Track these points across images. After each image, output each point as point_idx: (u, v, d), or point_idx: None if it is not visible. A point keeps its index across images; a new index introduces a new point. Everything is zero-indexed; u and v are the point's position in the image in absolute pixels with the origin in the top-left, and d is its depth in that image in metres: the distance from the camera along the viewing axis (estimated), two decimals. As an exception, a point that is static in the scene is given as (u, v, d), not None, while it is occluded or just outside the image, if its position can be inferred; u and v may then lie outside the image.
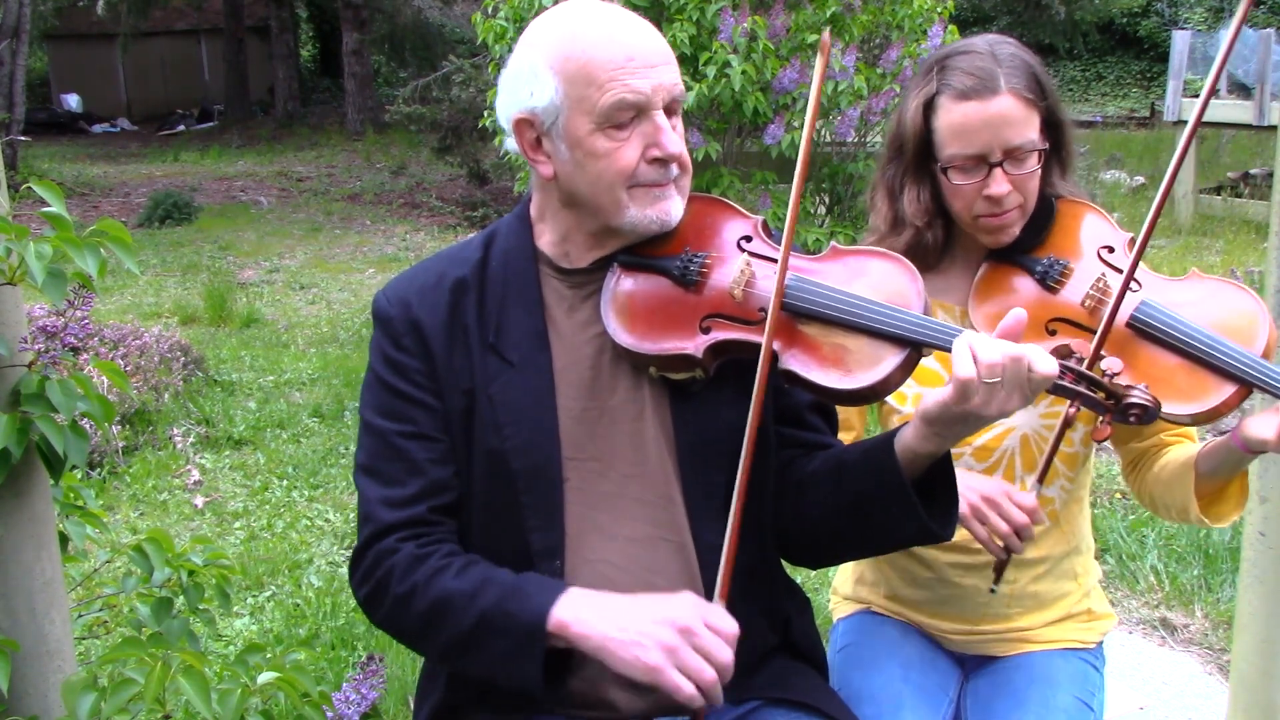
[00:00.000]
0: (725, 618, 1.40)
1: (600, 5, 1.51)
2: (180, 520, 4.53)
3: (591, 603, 1.43)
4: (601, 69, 1.44)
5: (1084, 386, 1.40)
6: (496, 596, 1.45)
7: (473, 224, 9.09)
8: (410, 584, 1.49)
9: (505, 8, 5.18)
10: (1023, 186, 1.74)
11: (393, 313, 1.57)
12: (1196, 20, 19.58)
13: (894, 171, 1.86)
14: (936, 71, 1.77)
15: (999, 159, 1.72)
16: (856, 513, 1.50)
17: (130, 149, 20.11)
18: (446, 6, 15.00)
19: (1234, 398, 1.58)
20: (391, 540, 1.51)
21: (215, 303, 8.09)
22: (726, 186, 5.04)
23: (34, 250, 1.48)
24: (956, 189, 1.76)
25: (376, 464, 1.55)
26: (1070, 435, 1.85)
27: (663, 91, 1.47)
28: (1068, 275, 1.74)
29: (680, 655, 1.36)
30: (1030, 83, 1.73)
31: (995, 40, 1.79)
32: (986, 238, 1.80)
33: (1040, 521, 1.74)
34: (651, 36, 1.48)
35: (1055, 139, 1.80)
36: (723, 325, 1.49)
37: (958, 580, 1.90)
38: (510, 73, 1.52)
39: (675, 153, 1.49)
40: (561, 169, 1.51)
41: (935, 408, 1.37)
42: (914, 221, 1.83)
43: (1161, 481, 1.81)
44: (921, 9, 5.30)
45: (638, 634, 1.38)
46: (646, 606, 1.41)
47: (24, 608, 1.61)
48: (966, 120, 1.72)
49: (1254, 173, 10.48)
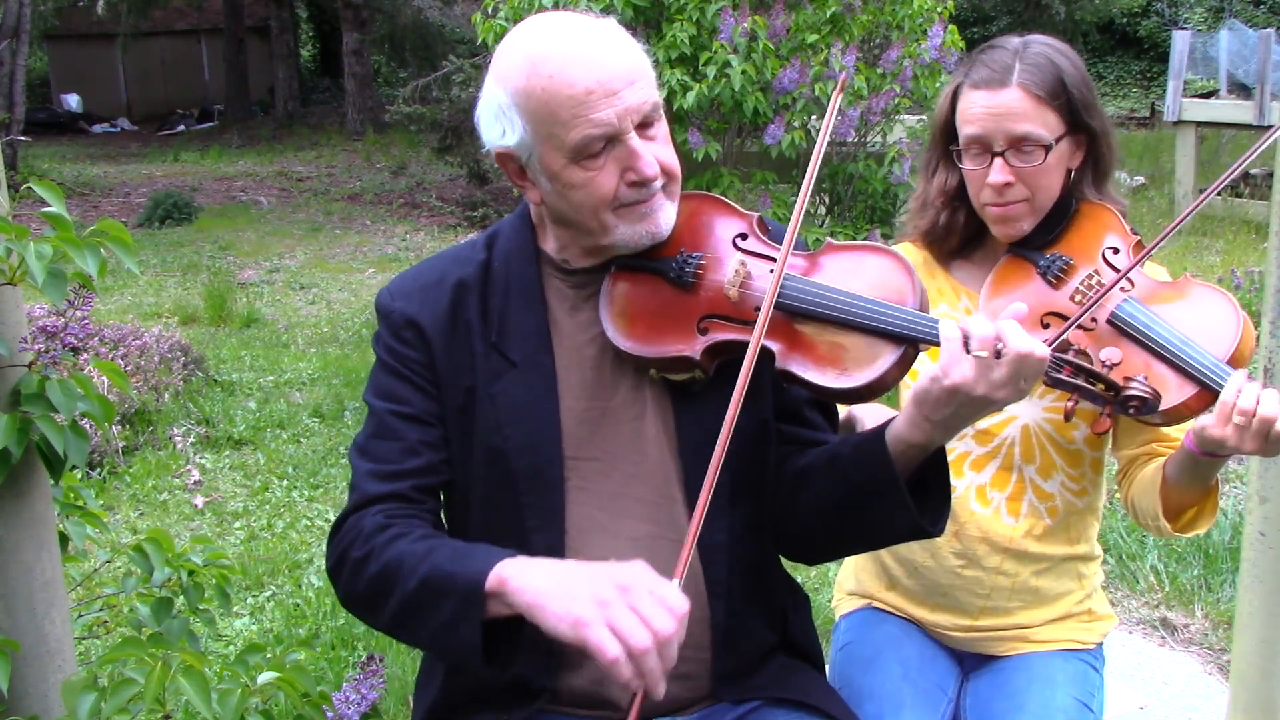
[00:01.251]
0: (675, 592, 1.27)
1: (560, 25, 1.45)
2: (180, 520, 4.53)
3: (536, 564, 1.36)
4: (563, 106, 1.41)
5: (1082, 379, 1.40)
6: (443, 558, 1.41)
7: (473, 224, 9.08)
8: (367, 548, 1.47)
9: (505, 8, 5.18)
10: (1029, 180, 1.78)
11: (394, 308, 1.58)
12: (1196, 20, 19.58)
13: (930, 155, 1.95)
14: (970, 63, 1.86)
15: (1002, 148, 1.78)
16: (849, 506, 1.49)
17: (130, 149, 20.11)
18: (446, 6, 14.98)
19: (1195, 400, 1.59)
20: (369, 511, 1.51)
21: (215, 303, 8.09)
22: (726, 186, 5.04)
23: (34, 250, 1.48)
24: (968, 174, 1.84)
25: (370, 442, 1.56)
26: (1071, 433, 1.86)
27: (631, 114, 1.43)
28: (1068, 272, 1.77)
29: (612, 610, 1.24)
30: (1048, 82, 1.77)
31: (1033, 40, 1.84)
32: (995, 228, 1.85)
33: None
34: (614, 55, 1.42)
35: (1090, 148, 1.85)
36: (720, 326, 1.49)
37: (959, 570, 1.90)
38: (483, 107, 1.51)
39: (652, 175, 1.46)
40: (546, 197, 1.52)
41: (924, 383, 1.37)
42: (934, 202, 1.91)
43: (1139, 488, 1.83)
44: (921, 9, 5.31)
45: (572, 586, 1.29)
46: (594, 568, 1.32)
47: (24, 608, 1.61)
48: (974, 107, 1.80)
49: (1254, 173, 10.47)
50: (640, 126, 1.45)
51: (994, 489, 1.89)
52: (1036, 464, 1.88)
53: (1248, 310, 6.37)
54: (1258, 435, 1.54)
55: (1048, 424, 1.87)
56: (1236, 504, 4.09)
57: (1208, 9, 20.08)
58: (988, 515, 1.89)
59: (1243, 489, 4.16)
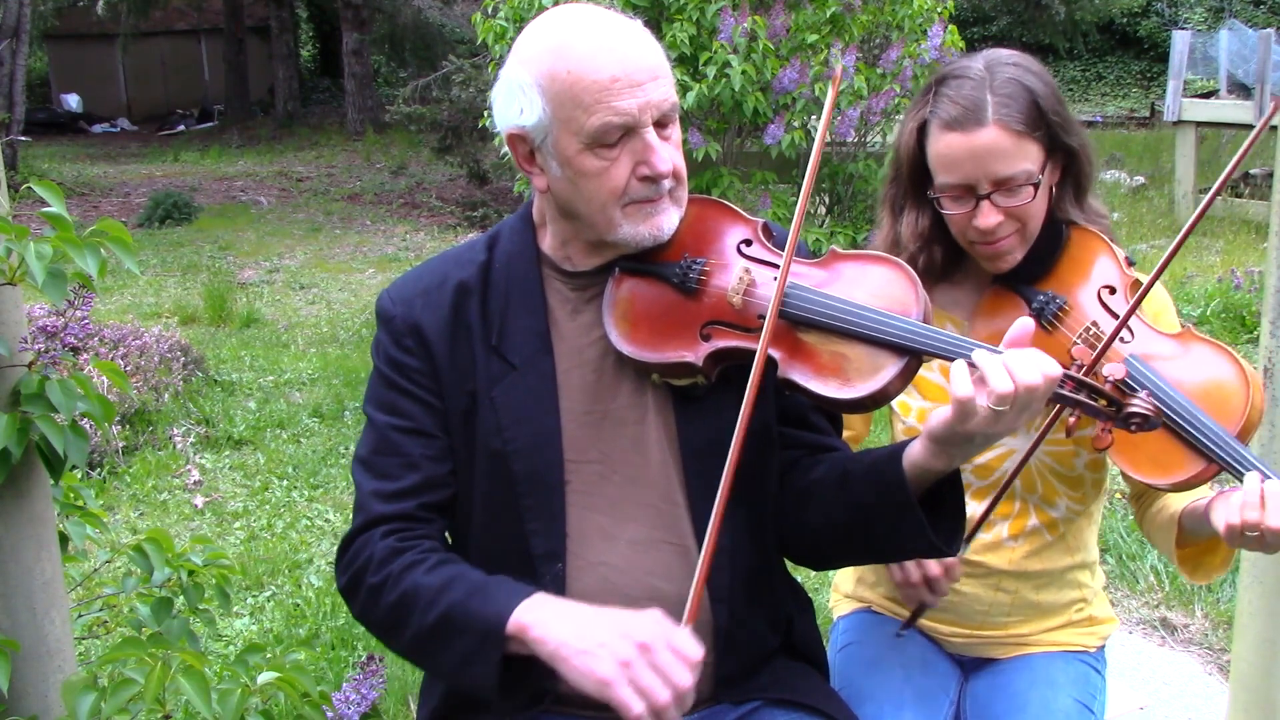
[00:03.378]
0: (690, 642, 1.33)
1: (588, 15, 1.48)
2: (180, 520, 4.53)
3: (556, 609, 1.40)
4: (587, 91, 1.42)
5: (1085, 395, 1.39)
6: (462, 594, 1.43)
7: (473, 224, 9.08)
8: (383, 575, 1.48)
9: (505, 8, 5.18)
10: (1018, 215, 1.70)
11: (395, 313, 1.57)
12: (1196, 20, 19.58)
13: (895, 191, 1.85)
14: (932, 95, 1.73)
15: (987, 191, 1.68)
16: (860, 525, 1.49)
17: (130, 149, 20.10)
18: (446, 6, 14.99)
19: (1203, 474, 1.56)
20: (377, 533, 1.51)
21: (215, 303, 8.09)
22: (726, 187, 5.04)
23: (34, 250, 1.48)
24: (951, 218, 1.75)
25: (373, 457, 1.56)
26: (1073, 460, 1.83)
27: (651, 109, 1.44)
28: (1064, 314, 1.72)
29: (635, 670, 1.30)
30: (1025, 112, 1.67)
31: (996, 62, 1.72)
32: (985, 264, 1.78)
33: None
34: (640, 49, 1.45)
35: (1067, 164, 1.76)
36: (722, 333, 1.48)
37: (959, 588, 1.89)
38: (501, 87, 1.51)
39: (665, 171, 1.47)
40: (554, 184, 1.51)
41: (940, 427, 1.34)
42: (908, 245, 1.81)
43: (1155, 526, 1.78)
44: (921, 9, 5.31)
45: (594, 644, 1.32)
46: (610, 619, 1.36)
47: (24, 608, 1.61)
48: (951, 151, 1.68)
49: (1254, 173, 10.47)
50: (658, 124, 1.46)
51: (997, 516, 1.86)
52: (1039, 493, 1.85)
53: (1247, 310, 6.31)
54: (1273, 545, 1.49)
55: (1048, 456, 1.83)
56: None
57: (1208, 9, 20.07)
58: (989, 540, 1.87)
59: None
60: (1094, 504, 1.91)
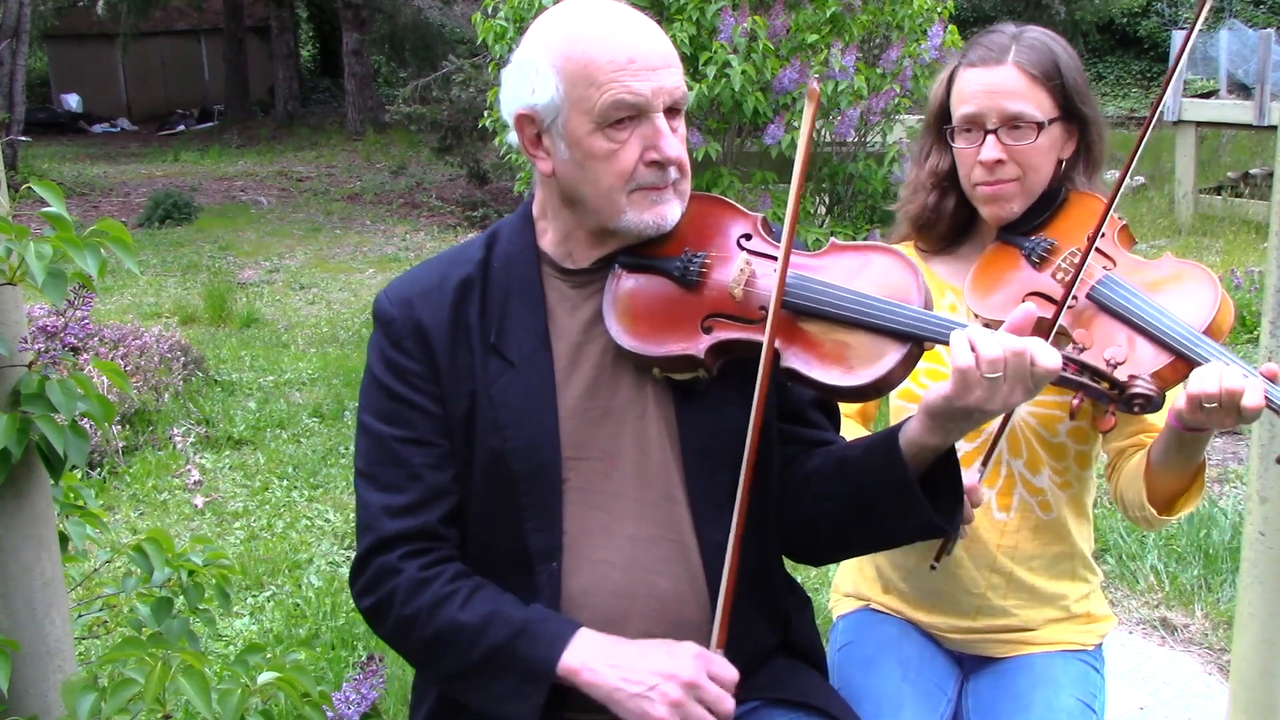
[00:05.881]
0: (727, 666, 1.44)
1: (607, 4, 1.50)
2: (180, 520, 4.53)
3: (599, 649, 1.44)
4: (602, 70, 1.44)
5: (1087, 377, 1.40)
6: (506, 635, 1.45)
7: (473, 224, 9.09)
8: (414, 608, 1.49)
9: (505, 8, 5.18)
10: (1021, 159, 1.80)
11: (395, 314, 1.56)
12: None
13: (923, 140, 1.96)
14: (967, 46, 1.89)
15: (994, 125, 1.79)
16: (860, 508, 1.50)
17: (130, 149, 20.10)
18: (446, 6, 14.98)
19: (1170, 369, 1.61)
20: (395, 556, 1.51)
21: (215, 303, 8.09)
22: (726, 186, 5.03)
23: (34, 250, 1.48)
24: (960, 154, 1.85)
25: (375, 469, 1.55)
26: (1056, 426, 1.86)
27: (663, 94, 1.46)
28: (1052, 253, 1.79)
29: (686, 710, 1.40)
30: (1043, 64, 1.80)
31: (1030, 26, 1.86)
32: (985, 209, 1.86)
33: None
34: (656, 38, 1.48)
35: (1082, 135, 1.87)
36: (724, 325, 1.49)
37: (953, 570, 1.90)
38: (514, 67, 1.52)
39: (673, 156, 1.48)
40: (560, 167, 1.51)
41: (938, 401, 1.37)
42: (924, 184, 1.92)
43: (1126, 478, 1.84)
44: (921, 9, 5.31)
45: (645, 688, 1.40)
46: (652, 656, 1.44)
47: (24, 608, 1.61)
48: (968, 85, 1.82)
49: (1254, 173, 10.48)
50: (668, 113, 1.48)
51: (984, 485, 1.88)
52: (1024, 458, 1.89)
53: (1247, 310, 6.34)
54: (1229, 412, 1.54)
55: (1032, 418, 1.87)
56: (1236, 504, 4.09)
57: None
58: (978, 511, 1.88)
59: (1243, 489, 4.16)
60: (1079, 490, 1.93)
